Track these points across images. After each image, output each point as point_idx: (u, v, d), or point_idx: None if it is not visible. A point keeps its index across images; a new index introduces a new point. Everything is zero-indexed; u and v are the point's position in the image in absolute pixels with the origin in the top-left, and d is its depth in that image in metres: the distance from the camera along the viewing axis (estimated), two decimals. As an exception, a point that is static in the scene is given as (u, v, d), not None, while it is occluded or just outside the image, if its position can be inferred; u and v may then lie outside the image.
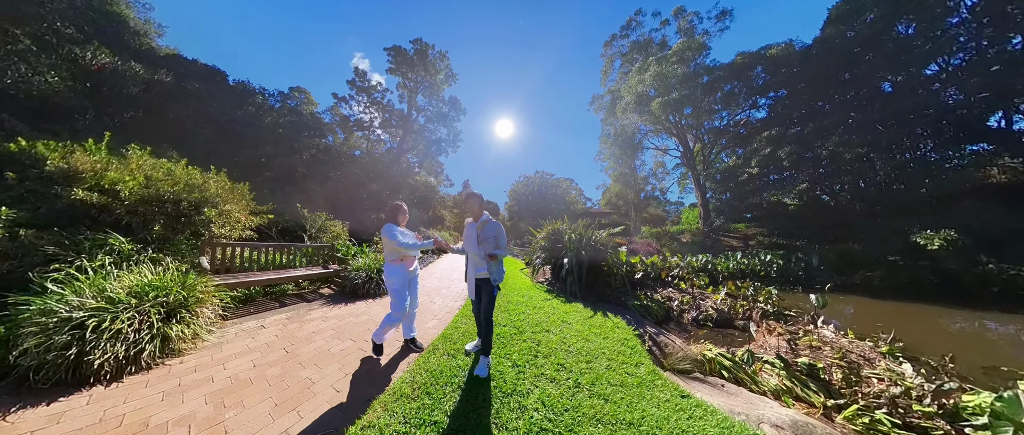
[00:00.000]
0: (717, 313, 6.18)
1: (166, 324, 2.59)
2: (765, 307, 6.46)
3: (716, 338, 5.29)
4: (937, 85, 12.64)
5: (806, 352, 4.61)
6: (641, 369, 2.79)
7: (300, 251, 5.71)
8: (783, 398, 3.32)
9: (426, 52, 31.07)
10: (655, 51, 21.84)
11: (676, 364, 3.47)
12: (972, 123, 11.98)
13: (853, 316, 7.71)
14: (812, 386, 3.65)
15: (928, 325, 7.06)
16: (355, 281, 4.98)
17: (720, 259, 11.88)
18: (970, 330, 6.73)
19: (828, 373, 3.97)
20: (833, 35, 13.62)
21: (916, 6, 11.84)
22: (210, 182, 4.63)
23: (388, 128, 32.79)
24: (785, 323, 5.85)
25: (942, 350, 5.09)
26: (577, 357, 2.94)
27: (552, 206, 28.94)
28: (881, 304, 8.52)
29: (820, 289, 9.43)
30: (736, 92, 17.82)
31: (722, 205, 18.94)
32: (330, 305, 4.40)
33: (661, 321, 5.76)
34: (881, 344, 4.82)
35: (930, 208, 11.06)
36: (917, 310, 7.90)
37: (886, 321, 6.94)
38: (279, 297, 4.61)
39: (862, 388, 3.65)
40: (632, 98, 20.35)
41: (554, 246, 7.07)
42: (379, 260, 5.66)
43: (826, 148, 12.95)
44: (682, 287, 7.85)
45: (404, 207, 2.92)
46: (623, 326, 4.06)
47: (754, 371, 3.72)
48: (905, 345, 4.87)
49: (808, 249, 12.62)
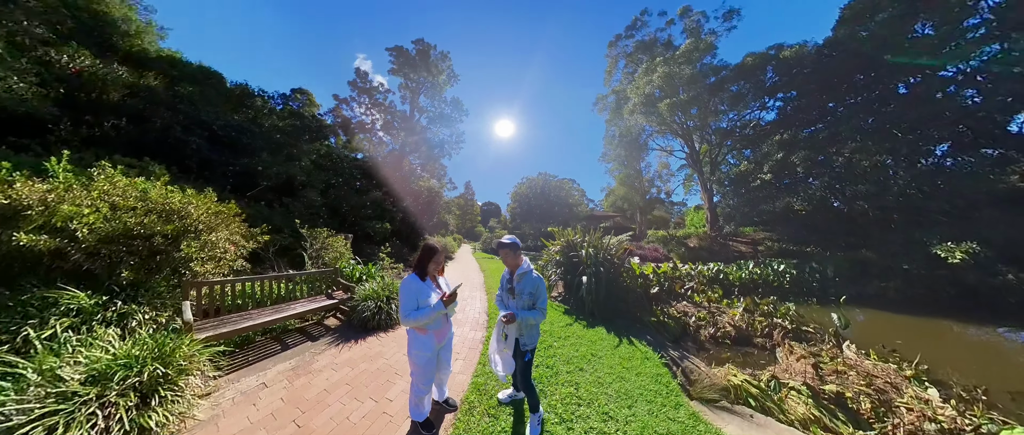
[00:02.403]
0: (735, 330, 6.07)
1: (142, 412, 2.04)
2: (784, 324, 6.34)
3: (736, 357, 5.26)
4: (953, 88, 12.31)
5: (832, 377, 4.50)
6: (681, 412, 2.86)
7: (301, 278, 5.09)
8: (811, 429, 3.22)
9: (428, 52, 30.78)
10: (660, 51, 21.46)
11: (703, 393, 3.45)
12: (991, 128, 11.66)
13: (872, 330, 7.55)
14: (841, 416, 3.57)
15: (949, 341, 6.91)
16: (363, 314, 4.52)
17: (732, 268, 11.69)
18: (990, 343, 6.65)
19: (856, 402, 3.87)
20: (846, 36, 13.26)
21: (934, 4, 11.47)
22: (192, 206, 3.78)
23: (390, 130, 32.63)
24: (806, 344, 5.74)
25: (965, 368, 5.03)
26: (618, 402, 2.91)
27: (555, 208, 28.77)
28: (899, 318, 8.34)
29: (835, 301, 9.29)
30: (744, 92, 17.48)
31: (732, 211, 18.69)
32: (339, 344, 4.01)
33: (678, 338, 5.66)
34: (906, 367, 4.71)
35: (949, 217, 10.81)
36: (935, 325, 7.72)
37: (906, 337, 6.80)
38: (280, 336, 4.10)
39: (892, 419, 3.55)
40: (639, 99, 20.04)
41: (570, 260, 6.90)
42: (390, 287, 5.09)
43: (842, 154, 12.69)
44: (697, 300, 7.72)
45: (437, 249, 2.17)
46: (652, 356, 4.11)
47: (780, 398, 3.63)
48: (930, 367, 4.78)
49: (821, 257, 12.41)
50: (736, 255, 15.81)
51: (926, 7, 11.77)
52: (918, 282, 9.62)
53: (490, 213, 57.14)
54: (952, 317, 8.09)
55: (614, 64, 26.21)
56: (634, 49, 23.76)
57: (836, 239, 13.38)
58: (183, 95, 10.97)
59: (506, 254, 2.31)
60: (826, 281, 10.64)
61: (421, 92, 32.69)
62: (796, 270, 11.20)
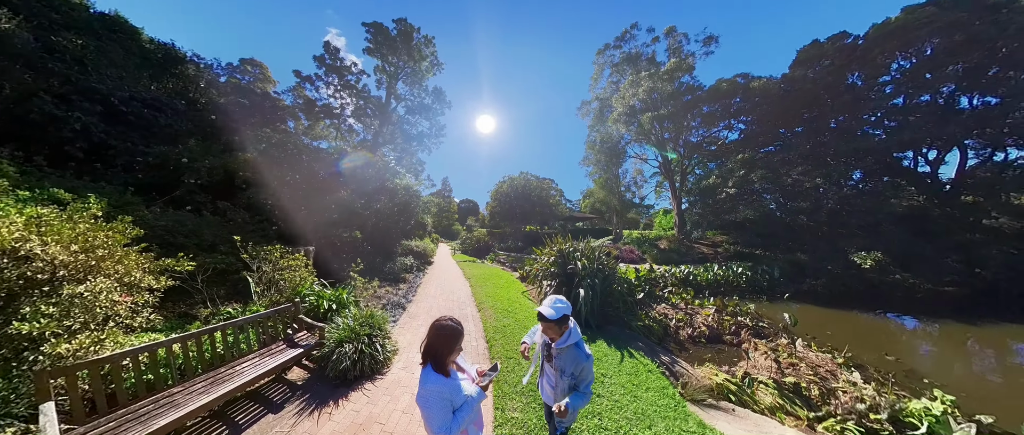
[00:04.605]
0: (708, 329, 7.15)
1: None
2: (747, 322, 7.88)
3: (712, 355, 6.08)
4: (868, 128, 15.54)
5: (789, 370, 5.84)
6: (690, 422, 3.20)
7: (248, 327, 3.59)
8: (778, 414, 4.31)
9: (410, 34, 28.41)
10: (644, 66, 23.21)
11: (694, 395, 3.98)
12: (890, 162, 15.03)
13: (808, 322, 9.54)
14: (797, 402, 4.83)
15: (861, 326, 9.24)
16: (342, 365, 3.42)
17: (700, 270, 13.68)
18: (883, 326, 9.18)
19: (808, 390, 5.23)
20: (799, 76, 15.87)
21: (864, 62, 14.31)
22: (36, 239, 2.34)
23: (362, 117, 29.62)
24: (766, 340, 7.12)
25: (873, 347, 7.01)
26: (639, 425, 3.01)
27: (536, 208, 29.69)
28: (826, 311, 10.70)
29: (781, 298, 11.59)
30: (715, 113, 19.89)
31: (699, 218, 21.33)
32: (314, 410, 2.93)
33: (661, 338, 6.38)
34: (837, 355, 6.38)
35: (863, 230, 13.84)
36: (851, 316, 10.14)
37: (833, 326, 8.95)
38: (224, 412, 2.83)
39: (832, 400, 4.94)
40: (623, 109, 21.61)
41: (565, 272, 6.91)
42: (369, 320, 4.01)
43: (791, 176, 15.38)
44: (674, 301, 8.72)
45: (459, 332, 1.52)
46: (653, 368, 4.42)
47: (752, 392, 4.74)
48: (852, 352, 6.48)
49: (768, 258, 15.06)
50: (700, 255, 18.29)
51: (857, 63, 14.60)
52: (839, 281, 12.31)
53: (468, 211, 55.91)
54: (860, 308, 10.66)
55: (600, 71, 27.57)
56: (620, 60, 25.25)
57: (780, 244, 16.24)
58: (66, 50, 7.61)
59: (546, 327, 1.80)
60: (773, 281, 13.06)
61: (400, 78, 30.27)
62: (751, 271, 13.51)
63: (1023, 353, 7.29)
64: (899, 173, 15.02)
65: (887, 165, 15.05)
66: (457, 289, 9.00)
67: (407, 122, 30.25)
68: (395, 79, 29.75)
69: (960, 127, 13.14)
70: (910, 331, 9.07)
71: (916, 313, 10.18)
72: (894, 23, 14.19)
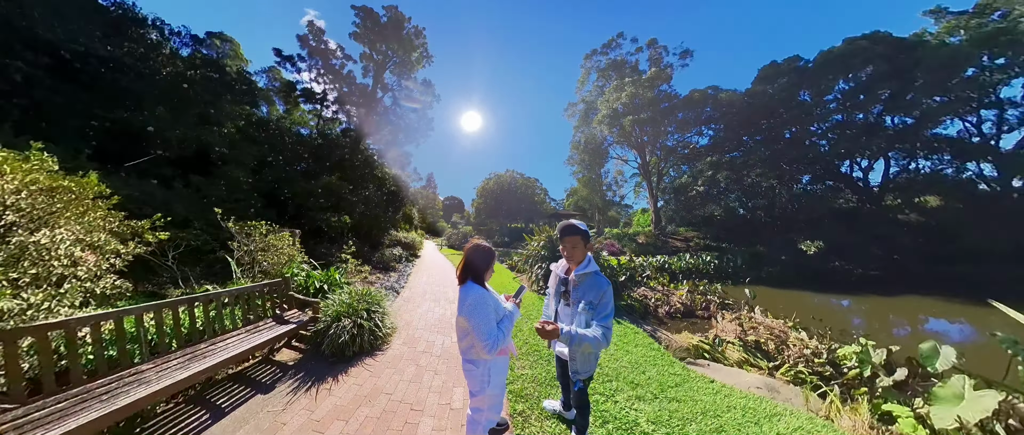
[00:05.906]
0: (683, 307, 8.20)
1: None
2: (715, 300, 9.12)
3: (687, 325, 6.94)
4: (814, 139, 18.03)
5: (751, 332, 7.00)
6: (676, 367, 3.87)
7: (232, 298, 3.22)
8: (744, 367, 5.22)
9: (401, 23, 27.83)
10: (628, 73, 24.95)
11: (676, 354, 4.68)
12: (831, 168, 17.54)
13: (765, 300, 11.13)
14: (759, 355, 5.90)
15: (807, 304, 10.85)
16: (340, 339, 3.20)
17: (674, 259, 15.17)
18: (824, 305, 10.92)
19: (766, 346, 6.35)
20: (760, 90, 18.06)
21: (812, 83, 16.64)
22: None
23: (346, 104, 28.31)
24: (732, 312, 8.39)
25: (817, 317, 8.49)
26: (635, 370, 3.51)
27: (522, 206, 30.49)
28: (780, 292, 12.39)
29: (743, 282, 13.22)
30: (688, 120, 21.88)
31: (673, 214, 23.20)
32: (311, 387, 2.66)
33: (643, 315, 7.11)
34: (788, 322, 7.67)
35: (809, 225, 16.01)
36: (799, 295, 11.87)
37: (785, 304, 10.49)
38: (204, 396, 2.48)
39: (786, 353, 6.07)
40: (608, 112, 23.10)
41: (553, 255, 7.56)
42: (367, 297, 3.77)
43: (750, 177, 17.44)
44: (652, 285, 9.71)
45: (492, 249, 1.68)
46: (640, 332, 5.18)
47: (722, 350, 5.78)
48: (801, 320, 7.84)
49: (732, 250, 16.94)
50: (674, 249, 19.98)
51: (807, 83, 16.94)
52: (790, 267, 14.21)
53: (452, 208, 55.29)
54: (807, 289, 12.48)
55: (586, 75, 29.08)
56: (606, 65, 26.88)
57: (742, 237, 18.24)
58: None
59: (572, 243, 1.74)
60: (737, 268, 14.79)
61: (388, 67, 29.62)
62: (718, 260, 15.17)
63: (924, 321, 9.30)
64: (838, 178, 17.55)
65: (829, 170, 17.54)
66: (449, 277, 8.90)
67: (394, 113, 29.50)
68: (383, 68, 29.10)
69: (885, 141, 15.76)
70: (845, 308, 10.92)
71: (850, 292, 12.16)
72: (837, 51, 16.67)
